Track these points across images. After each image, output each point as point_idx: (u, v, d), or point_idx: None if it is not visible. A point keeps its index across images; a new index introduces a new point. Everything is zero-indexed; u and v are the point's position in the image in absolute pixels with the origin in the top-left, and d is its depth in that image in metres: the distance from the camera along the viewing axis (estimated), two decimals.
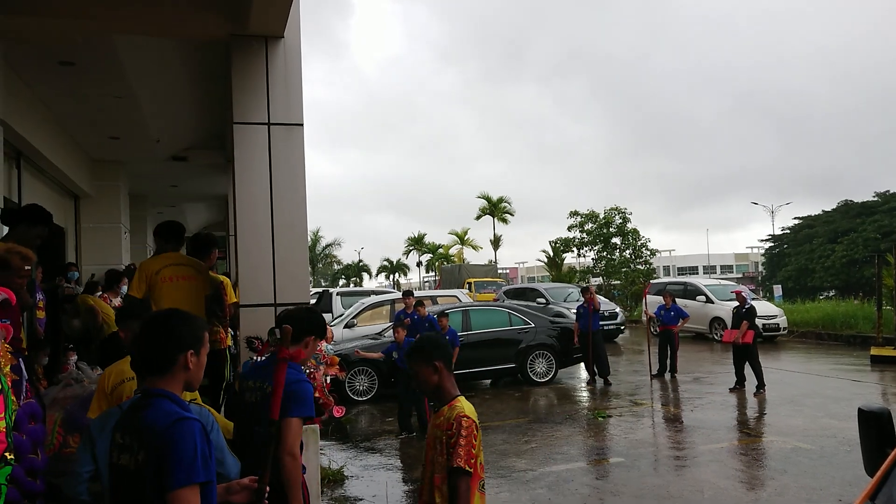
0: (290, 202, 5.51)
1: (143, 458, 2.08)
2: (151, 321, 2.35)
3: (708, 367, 14.51)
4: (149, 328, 2.30)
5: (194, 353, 2.26)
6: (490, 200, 57.89)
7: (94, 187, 10.64)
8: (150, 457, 2.07)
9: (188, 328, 2.29)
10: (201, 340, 2.31)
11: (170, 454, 2.03)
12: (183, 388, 2.28)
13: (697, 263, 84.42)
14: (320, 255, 70.05)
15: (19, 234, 5.00)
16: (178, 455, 2.02)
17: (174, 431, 2.05)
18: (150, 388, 2.21)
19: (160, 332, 2.27)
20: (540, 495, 6.27)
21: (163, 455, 2.04)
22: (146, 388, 2.23)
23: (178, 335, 2.25)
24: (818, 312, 20.81)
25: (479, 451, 2.93)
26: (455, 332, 11.01)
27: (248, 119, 5.51)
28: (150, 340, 2.26)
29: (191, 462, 2.03)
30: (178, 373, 2.24)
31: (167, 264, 5.39)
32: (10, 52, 6.00)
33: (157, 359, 2.23)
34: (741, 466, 7.09)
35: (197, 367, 2.28)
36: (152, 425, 2.09)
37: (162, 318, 2.33)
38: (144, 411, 2.15)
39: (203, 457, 2.05)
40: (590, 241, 40.59)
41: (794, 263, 51.44)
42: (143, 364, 2.28)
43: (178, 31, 5.70)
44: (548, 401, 11.25)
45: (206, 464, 2.07)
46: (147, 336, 2.27)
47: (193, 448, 2.04)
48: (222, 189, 12.62)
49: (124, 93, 7.48)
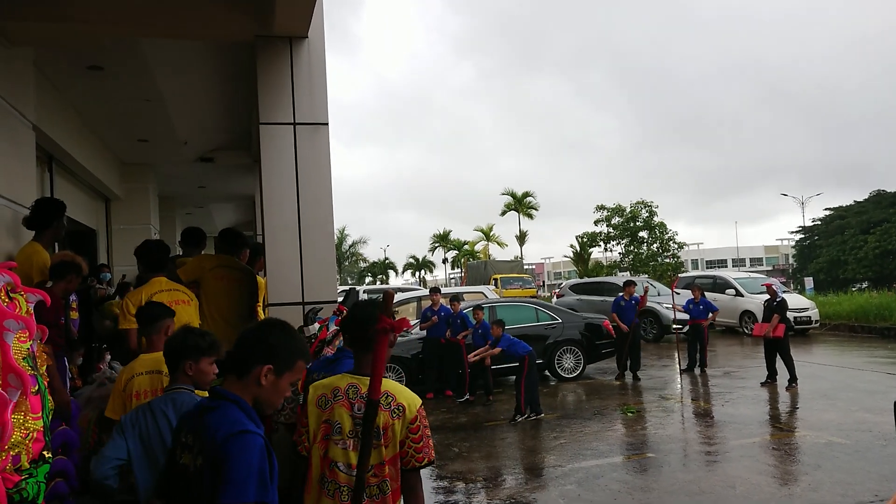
0: (316, 201, 5.54)
1: (201, 463, 2.01)
2: (260, 323, 2.30)
3: (738, 361, 14.35)
4: (251, 329, 2.22)
5: (272, 371, 2.13)
6: (515, 196, 57.76)
7: (124, 189, 10.80)
8: (206, 464, 1.99)
9: (284, 343, 2.17)
10: (288, 362, 2.18)
11: (225, 467, 1.93)
12: (252, 404, 2.17)
13: (726, 256, 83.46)
14: (346, 252, 70.40)
15: (54, 231, 5.09)
16: (233, 470, 1.92)
17: (233, 444, 1.95)
18: (221, 390, 2.13)
19: (252, 335, 2.19)
20: (569, 491, 6.25)
21: (218, 466, 1.94)
22: (216, 388, 2.16)
23: (266, 343, 2.14)
24: (851, 304, 20.49)
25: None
26: (489, 326, 11.05)
27: (274, 119, 5.55)
28: (241, 340, 2.19)
29: (244, 480, 1.92)
30: (251, 383, 2.13)
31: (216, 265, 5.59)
32: (40, 58, 6.10)
33: (237, 360, 2.16)
34: (774, 461, 7.00)
35: (272, 389, 2.15)
36: (214, 431, 2.01)
37: (266, 325, 2.25)
38: (210, 413, 2.07)
39: (260, 476, 1.94)
40: (616, 235, 40.34)
41: (826, 255, 50.61)
42: (227, 362, 2.20)
43: (204, 33, 5.75)
44: (576, 396, 11.21)
45: (264, 484, 1.95)
46: (244, 336, 2.20)
47: (249, 465, 1.93)
48: (249, 189, 12.73)
49: (152, 96, 7.57)
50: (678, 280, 17.20)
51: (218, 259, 5.61)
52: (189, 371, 2.97)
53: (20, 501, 2.69)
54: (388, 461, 2.56)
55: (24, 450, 2.69)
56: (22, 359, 2.75)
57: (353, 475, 2.50)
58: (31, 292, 3.11)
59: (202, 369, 3.00)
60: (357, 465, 2.46)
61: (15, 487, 2.65)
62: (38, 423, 2.82)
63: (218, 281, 5.46)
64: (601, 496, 6.11)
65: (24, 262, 4.76)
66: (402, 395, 2.64)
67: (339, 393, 2.60)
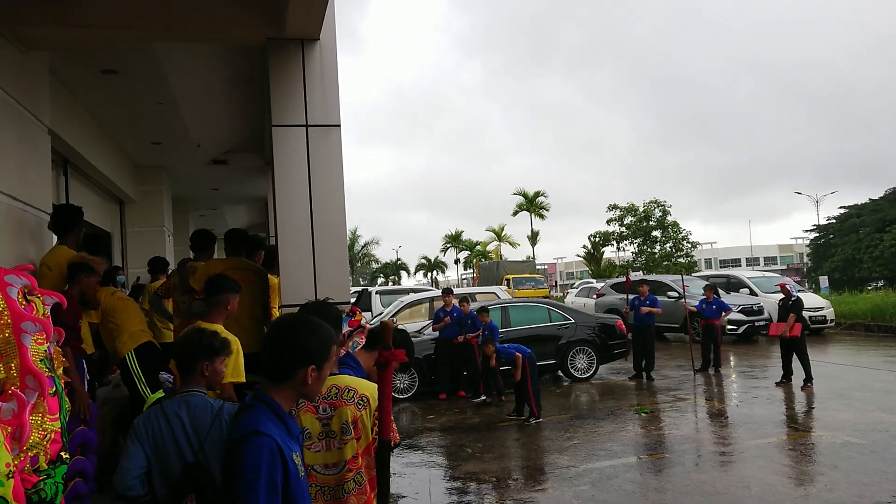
0: (328, 203, 5.56)
1: (225, 461, 2.07)
2: (283, 327, 2.26)
3: (753, 360, 14.26)
4: (278, 333, 2.21)
5: (316, 369, 2.16)
6: (526, 196, 57.71)
7: (139, 192, 10.88)
8: (225, 463, 2.06)
9: (316, 341, 2.19)
10: (326, 355, 2.21)
11: (237, 468, 1.97)
12: (295, 402, 2.23)
13: (740, 255, 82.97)
14: (359, 254, 70.59)
15: (76, 235, 5.23)
16: (243, 471, 1.96)
17: (243, 445, 1.99)
18: (260, 392, 2.17)
19: (285, 342, 2.17)
20: (583, 492, 6.24)
21: (233, 466, 2.00)
22: (257, 390, 2.19)
23: (302, 347, 2.15)
24: (867, 304, 20.31)
25: None
26: (495, 328, 11.04)
27: (286, 121, 5.57)
28: (274, 347, 2.17)
29: (251, 482, 1.94)
30: (295, 386, 2.16)
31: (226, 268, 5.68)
32: (55, 62, 6.16)
33: (276, 367, 2.16)
34: (789, 462, 6.96)
35: (316, 382, 2.18)
36: (234, 431, 2.07)
37: (294, 326, 2.22)
38: (243, 413, 2.13)
39: (270, 480, 1.95)
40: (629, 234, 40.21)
41: (841, 254, 50.16)
42: (264, 368, 2.19)
43: (217, 36, 5.78)
44: (589, 396, 11.18)
45: (274, 488, 1.96)
46: (273, 341, 2.18)
47: (257, 468, 1.94)
48: (262, 191, 12.79)
49: (165, 99, 7.62)
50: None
51: (227, 262, 5.67)
52: (205, 372, 2.95)
53: (39, 502, 2.72)
54: (361, 453, 2.66)
55: (42, 451, 2.72)
56: (39, 360, 2.78)
57: (330, 474, 2.62)
58: (48, 294, 3.14)
59: (216, 369, 3.00)
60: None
61: (33, 488, 2.68)
62: (56, 424, 2.85)
63: None
64: (615, 497, 6.09)
65: (63, 264, 4.90)
66: (362, 387, 2.73)
67: (301, 400, 2.62)
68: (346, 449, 2.62)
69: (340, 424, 2.63)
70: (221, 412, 2.77)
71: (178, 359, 3.03)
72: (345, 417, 2.62)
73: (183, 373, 3.01)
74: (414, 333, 12.97)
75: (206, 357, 2.96)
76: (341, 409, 2.64)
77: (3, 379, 2.64)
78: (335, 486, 2.62)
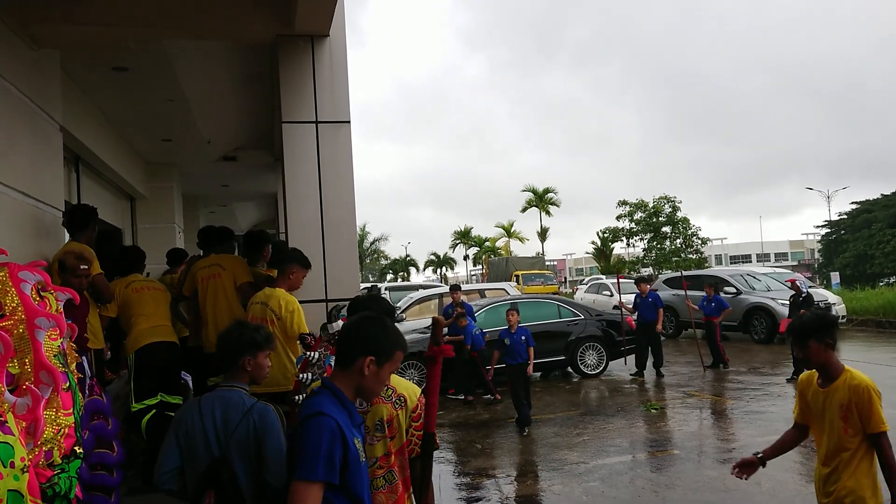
0: (338, 199, 5.57)
1: (290, 443, 2.22)
2: (356, 318, 2.39)
3: (764, 357, 14.20)
4: (349, 323, 2.37)
5: (374, 362, 2.25)
6: (535, 192, 57.60)
7: (149, 189, 10.92)
8: (291, 443, 2.20)
9: (381, 335, 2.29)
10: (389, 354, 2.29)
11: (299, 445, 2.10)
12: (354, 394, 2.29)
13: (750, 251, 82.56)
14: (368, 250, 70.69)
15: (88, 235, 5.27)
16: (303, 448, 2.08)
17: (308, 424, 2.11)
18: (326, 380, 2.31)
19: (352, 329, 2.32)
20: (593, 488, 6.24)
21: (295, 445, 2.14)
22: (325, 379, 2.33)
23: (365, 337, 2.27)
24: (879, 300, 20.15)
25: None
26: (470, 307, 11.61)
27: (296, 118, 5.58)
28: (343, 334, 2.33)
29: (313, 458, 2.05)
30: (354, 374, 2.26)
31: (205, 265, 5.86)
32: (66, 60, 6.19)
33: (340, 354, 2.30)
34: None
35: (374, 377, 2.27)
36: (300, 414, 2.20)
37: (365, 319, 2.36)
38: (309, 399, 2.27)
39: (328, 458, 2.06)
40: (639, 230, 40.08)
41: (853, 250, 49.85)
42: (336, 355, 2.36)
43: (227, 33, 5.80)
44: (599, 393, 11.17)
45: (331, 465, 2.06)
46: (344, 330, 2.34)
47: (318, 445, 2.06)
48: (272, 188, 12.82)
49: (175, 96, 7.65)
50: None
51: (207, 261, 5.86)
52: (248, 367, 2.92)
53: (53, 496, 2.75)
54: (394, 452, 2.63)
55: (56, 445, 2.75)
56: (53, 356, 2.80)
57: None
58: (61, 290, 3.16)
59: (260, 363, 2.97)
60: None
61: (48, 482, 2.70)
62: (70, 419, 2.87)
63: (205, 282, 5.77)
64: (625, 493, 6.09)
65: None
66: (401, 386, 2.72)
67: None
68: (378, 446, 2.61)
69: (374, 421, 2.62)
70: (251, 411, 2.76)
71: (220, 353, 3.01)
72: (380, 415, 2.60)
73: (225, 367, 2.99)
74: (423, 329, 12.98)
75: (249, 352, 2.93)
76: (377, 406, 2.63)
77: (18, 374, 2.66)
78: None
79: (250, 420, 2.73)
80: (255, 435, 2.72)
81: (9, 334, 2.59)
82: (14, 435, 2.42)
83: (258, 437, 2.72)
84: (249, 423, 2.73)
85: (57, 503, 2.78)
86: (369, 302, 2.85)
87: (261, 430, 2.72)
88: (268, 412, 2.78)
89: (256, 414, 2.75)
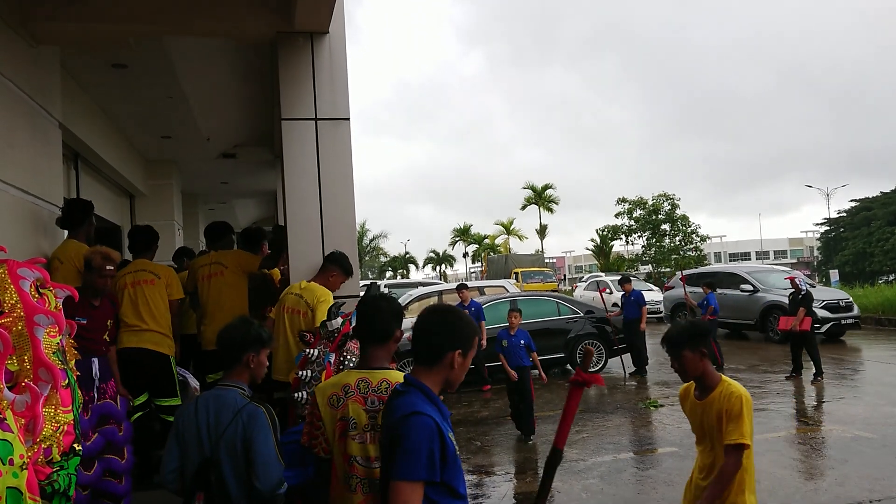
0: (338, 196, 5.56)
1: (385, 442, 2.22)
2: (430, 313, 2.38)
3: (763, 354, 14.21)
4: (429, 318, 2.34)
5: (461, 354, 2.28)
6: (535, 189, 57.59)
7: (149, 186, 10.91)
8: (386, 442, 2.21)
9: (463, 326, 2.32)
10: (471, 343, 2.32)
11: (399, 445, 2.09)
12: (443, 387, 2.31)
13: (749, 249, 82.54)
14: (367, 247, 70.65)
15: (86, 229, 5.25)
16: (404, 448, 2.07)
17: (406, 423, 2.10)
18: (410, 377, 2.29)
19: (436, 325, 2.31)
20: (592, 485, 6.24)
21: (394, 444, 2.11)
22: (408, 376, 2.32)
23: (450, 331, 2.29)
24: (878, 297, 20.16)
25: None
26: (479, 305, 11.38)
27: (296, 115, 5.57)
28: (423, 332, 2.31)
29: (415, 457, 2.05)
30: (443, 369, 2.28)
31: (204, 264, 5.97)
32: (66, 57, 6.18)
33: (426, 351, 2.29)
34: (799, 456, 6.94)
35: (461, 368, 2.30)
36: (393, 413, 2.19)
37: (441, 312, 2.36)
38: (398, 398, 2.25)
39: (429, 456, 2.06)
40: (638, 228, 40.05)
41: (852, 247, 49.88)
42: (414, 354, 2.34)
43: (226, 30, 5.79)
44: (598, 390, 11.16)
45: (432, 464, 2.07)
46: (424, 326, 2.32)
47: (419, 444, 2.06)
48: (271, 185, 12.81)
49: (175, 93, 7.64)
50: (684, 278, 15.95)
51: (207, 258, 6.00)
52: (252, 363, 2.89)
53: (52, 493, 2.75)
54: None
55: (55, 443, 2.75)
56: (52, 353, 2.80)
57: (371, 467, 2.58)
58: (60, 287, 3.16)
59: (262, 361, 2.94)
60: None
61: (47, 479, 2.70)
62: (69, 416, 2.87)
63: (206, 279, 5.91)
64: (624, 490, 6.09)
65: (76, 258, 4.92)
66: None
67: (349, 389, 2.64)
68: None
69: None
70: (241, 412, 2.74)
71: (223, 349, 2.96)
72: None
73: (227, 364, 2.94)
74: None
75: (254, 348, 2.90)
76: None
77: (17, 371, 2.66)
78: (378, 479, 2.56)
79: (239, 421, 2.71)
80: (243, 437, 2.70)
81: (8, 331, 2.58)
82: (13, 432, 2.42)
83: (246, 439, 2.69)
84: (238, 424, 2.71)
85: (56, 500, 2.78)
86: (380, 301, 2.84)
87: (249, 432, 2.69)
88: (257, 414, 2.74)
89: (246, 415, 2.73)
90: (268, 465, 2.69)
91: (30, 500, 2.41)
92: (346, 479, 2.59)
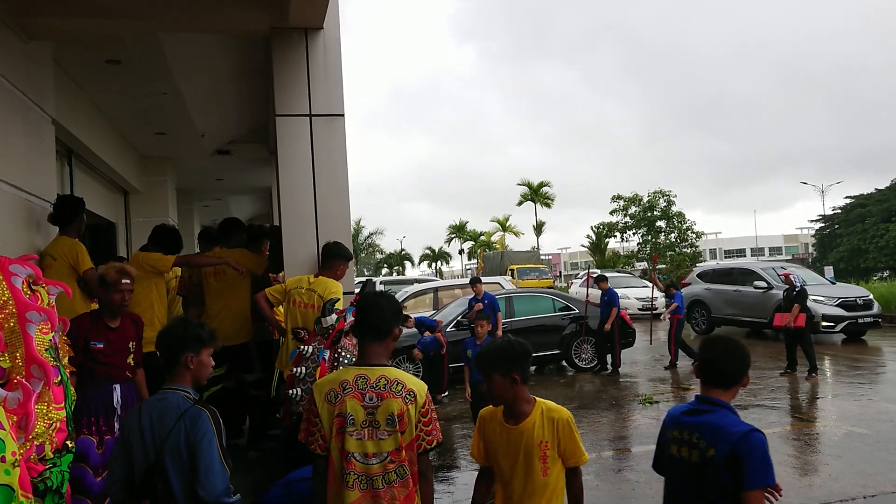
0: (333, 192, 5.56)
1: (713, 455, 2.52)
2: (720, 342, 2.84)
3: (757, 350, 14.24)
4: (728, 346, 2.80)
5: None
6: (531, 186, 57.60)
7: (143, 183, 10.88)
8: (720, 455, 2.51)
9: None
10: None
11: (749, 459, 2.46)
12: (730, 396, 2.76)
13: (745, 246, 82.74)
14: (363, 244, 70.61)
15: (77, 225, 5.23)
16: (756, 461, 2.46)
17: (751, 440, 2.50)
18: (709, 396, 2.70)
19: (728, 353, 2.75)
20: (587, 482, 6.21)
21: (740, 458, 2.47)
22: (704, 395, 2.71)
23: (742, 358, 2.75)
24: (873, 294, 20.16)
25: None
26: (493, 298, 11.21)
27: (290, 111, 5.56)
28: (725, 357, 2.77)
29: (765, 469, 2.48)
30: (734, 388, 2.74)
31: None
32: (59, 52, 6.16)
33: (729, 372, 2.71)
34: (794, 452, 6.95)
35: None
36: (725, 430, 2.55)
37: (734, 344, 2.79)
38: (708, 415, 2.63)
39: (771, 465, 2.50)
40: (634, 224, 40.10)
41: (846, 244, 50.07)
42: (709, 375, 2.74)
43: (220, 26, 5.77)
44: (594, 387, 11.17)
45: (772, 471, 2.52)
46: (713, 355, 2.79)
47: (766, 456, 2.48)
48: (266, 181, 12.79)
49: (169, 89, 7.61)
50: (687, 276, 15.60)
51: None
52: (191, 364, 2.77)
53: (45, 490, 2.74)
54: (404, 447, 2.63)
55: (47, 440, 2.74)
56: (44, 350, 2.79)
57: (368, 464, 2.59)
58: (52, 284, 3.15)
59: (203, 361, 2.81)
60: None
61: (39, 476, 2.69)
62: (61, 413, 2.86)
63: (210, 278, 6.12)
64: (620, 487, 6.10)
65: (69, 254, 4.90)
66: (410, 381, 2.73)
67: (347, 385, 2.65)
68: (389, 440, 2.61)
69: (386, 416, 2.61)
70: (185, 415, 2.64)
71: (161, 350, 2.86)
72: (391, 409, 2.61)
73: (167, 366, 2.82)
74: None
75: (193, 348, 2.78)
76: (388, 400, 2.62)
77: (9, 368, 2.65)
78: (374, 475, 2.59)
79: (182, 425, 2.61)
80: (187, 442, 2.60)
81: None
82: (5, 429, 2.41)
83: (190, 444, 2.60)
84: (181, 428, 2.61)
85: (49, 497, 2.77)
86: (381, 298, 2.84)
87: (192, 437, 2.60)
88: (200, 419, 2.64)
89: (189, 420, 2.62)
90: (210, 472, 2.57)
91: (22, 497, 2.40)
92: (343, 476, 2.59)
